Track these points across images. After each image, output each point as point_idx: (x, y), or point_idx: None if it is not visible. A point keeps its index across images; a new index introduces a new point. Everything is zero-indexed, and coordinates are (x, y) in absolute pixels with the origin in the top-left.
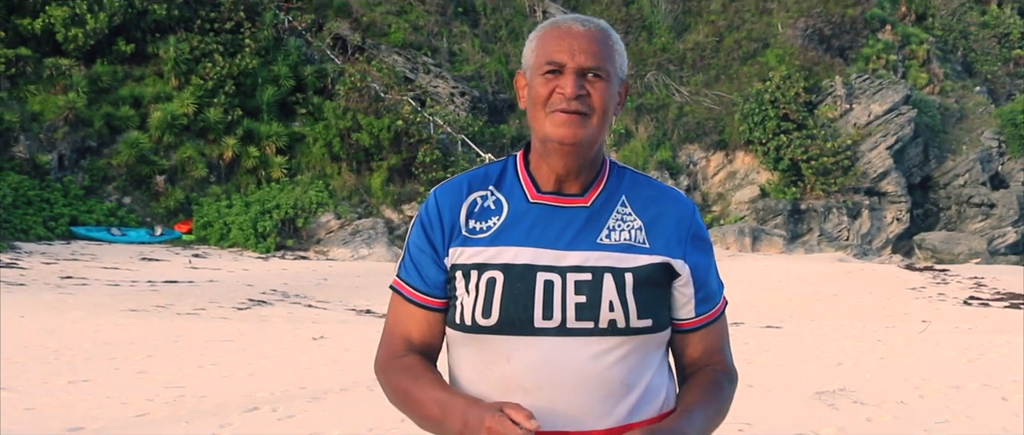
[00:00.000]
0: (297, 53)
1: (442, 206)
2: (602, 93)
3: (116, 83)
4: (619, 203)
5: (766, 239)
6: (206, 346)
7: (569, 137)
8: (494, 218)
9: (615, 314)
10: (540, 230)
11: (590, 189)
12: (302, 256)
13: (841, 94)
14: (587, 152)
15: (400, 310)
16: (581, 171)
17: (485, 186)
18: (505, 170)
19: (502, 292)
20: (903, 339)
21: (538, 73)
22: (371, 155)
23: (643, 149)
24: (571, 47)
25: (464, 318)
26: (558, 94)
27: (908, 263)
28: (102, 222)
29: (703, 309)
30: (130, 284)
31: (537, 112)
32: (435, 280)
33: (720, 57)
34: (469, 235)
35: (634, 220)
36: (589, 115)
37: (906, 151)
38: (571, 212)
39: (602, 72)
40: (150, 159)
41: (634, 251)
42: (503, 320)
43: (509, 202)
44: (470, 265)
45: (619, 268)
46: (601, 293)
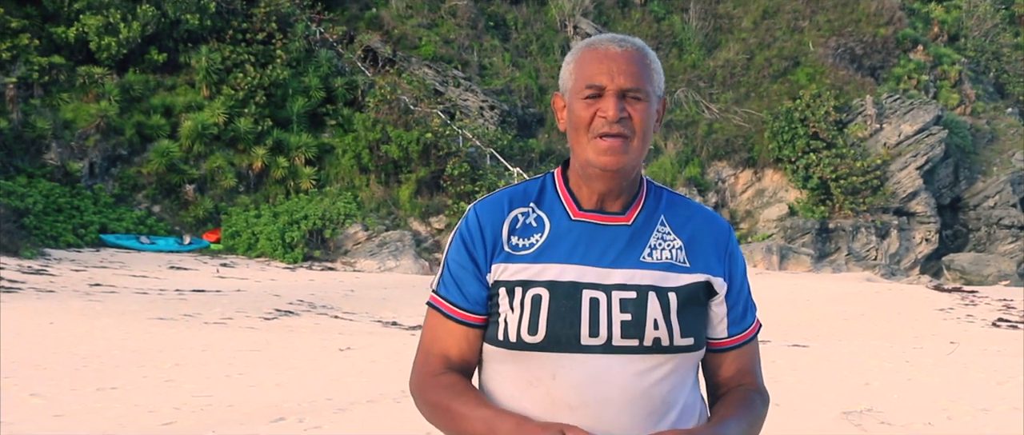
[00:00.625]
0: (328, 65)
1: (484, 222)
2: (642, 114)
3: (148, 92)
4: (658, 222)
5: (794, 258)
6: (234, 355)
7: (612, 164)
8: (536, 235)
9: (660, 332)
10: (584, 248)
11: (631, 208)
12: (329, 267)
13: (871, 113)
14: (629, 175)
15: (438, 327)
16: (622, 191)
17: (525, 203)
18: (544, 188)
19: (548, 309)
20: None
21: (578, 97)
22: (400, 167)
23: (672, 165)
24: (610, 69)
25: (508, 335)
26: (600, 117)
27: (937, 284)
28: (131, 230)
29: (737, 329)
30: (158, 292)
31: (579, 137)
32: (477, 296)
33: (750, 74)
34: (512, 251)
35: (674, 239)
36: (630, 138)
37: (936, 171)
38: (613, 230)
39: (641, 93)
40: (180, 168)
41: (676, 270)
42: (550, 337)
43: (551, 219)
44: (514, 282)
45: (663, 287)
46: (646, 311)
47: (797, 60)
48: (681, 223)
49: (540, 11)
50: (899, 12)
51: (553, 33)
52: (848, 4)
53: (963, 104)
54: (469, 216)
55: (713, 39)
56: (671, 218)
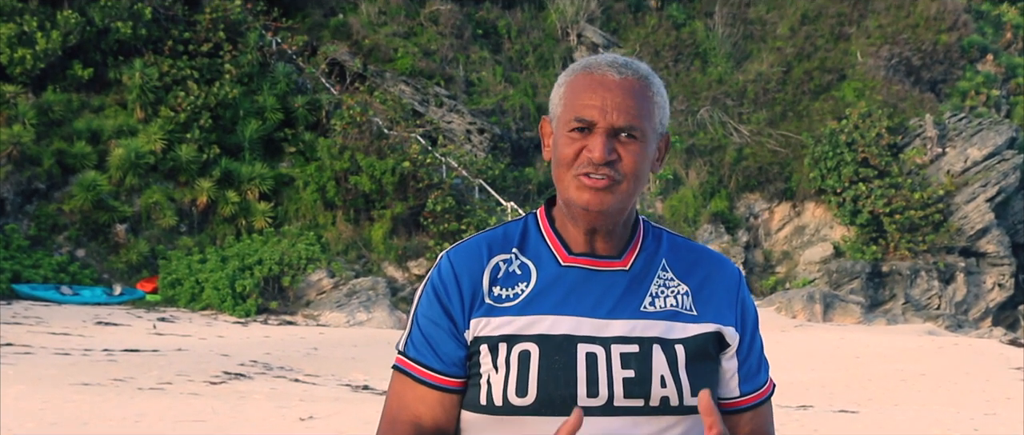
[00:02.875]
0: (286, 81)
1: (460, 271)
2: (635, 156)
3: (70, 114)
4: (660, 267)
5: (841, 307)
6: (173, 428)
7: (595, 204)
8: (521, 284)
9: (667, 391)
10: (577, 297)
11: (627, 251)
12: (288, 321)
13: (932, 136)
14: (617, 217)
15: (407, 394)
16: (613, 232)
17: (507, 249)
18: (526, 231)
19: (539, 366)
20: (1006, 429)
21: (565, 129)
22: (372, 202)
23: (694, 199)
24: (603, 102)
25: (493, 398)
26: (585, 156)
27: (1012, 338)
28: (50, 279)
29: (750, 387)
30: (82, 353)
31: (562, 172)
32: (453, 357)
33: (787, 91)
34: (494, 304)
35: (678, 285)
36: (619, 182)
37: (1011, 204)
38: (609, 276)
39: (636, 132)
40: (109, 205)
41: (682, 319)
42: (542, 398)
43: (537, 266)
44: (498, 337)
45: (668, 339)
46: (651, 367)
47: (843, 73)
48: (686, 267)
49: (537, 17)
50: (964, 15)
51: (553, 43)
52: (903, 7)
53: None
54: (442, 265)
55: (743, 49)
56: (674, 262)
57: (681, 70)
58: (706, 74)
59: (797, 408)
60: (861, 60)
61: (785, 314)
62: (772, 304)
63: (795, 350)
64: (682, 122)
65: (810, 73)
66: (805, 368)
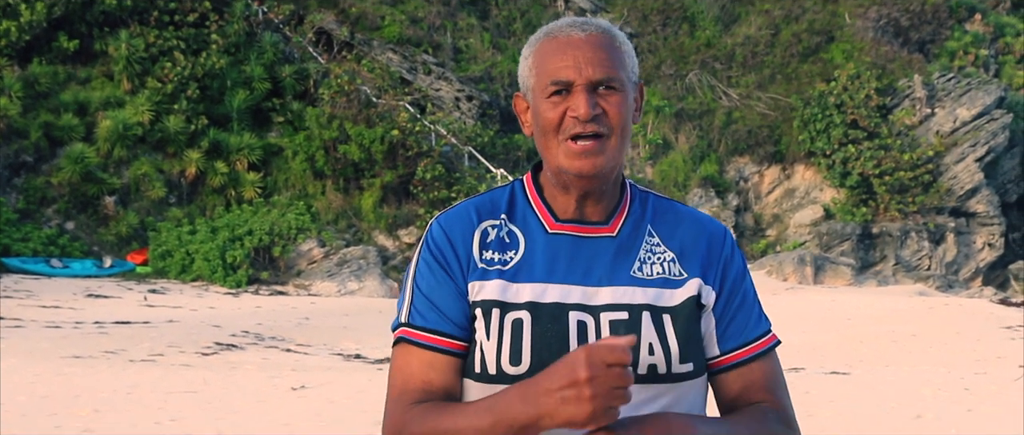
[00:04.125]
0: (273, 51)
1: (453, 235)
2: (618, 107)
3: (57, 87)
4: (646, 232)
5: (831, 269)
6: (165, 399)
7: (589, 168)
8: (511, 252)
9: (655, 358)
10: (565, 264)
11: (614, 216)
12: (279, 291)
13: (921, 96)
14: (609, 177)
15: (413, 364)
16: (602, 196)
17: (495, 215)
18: (513, 198)
19: (532, 334)
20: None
21: (543, 96)
22: (361, 171)
23: (684, 163)
24: (576, 60)
25: (487, 365)
26: (570, 117)
27: (1003, 297)
28: (40, 252)
29: (733, 344)
30: (74, 326)
31: (548, 141)
32: (462, 318)
33: (776, 53)
34: (487, 267)
35: (665, 251)
36: (608, 136)
37: (1000, 164)
38: (597, 243)
39: (615, 82)
40: (98, 177)
41: (670, 286)
42: (536, 367)
43: (524, 234)
44: (491, 302)
45: (657, 306)
46: (640, 334)
47: (831, 35)
48: (671, 231)
49: None
50: None
51: (541, 8)
52: None
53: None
54: (433, 231)
55: (731, 12)
56: (660, 227)
57: (669, 34)
58: (694, 38)
59: (789, 370)
60: (849, 22)
61: (776, 277)
62: (763, 267)
63: (786, 313)
64: (671, 87)
65: (798, 35)
66: (796, 331)
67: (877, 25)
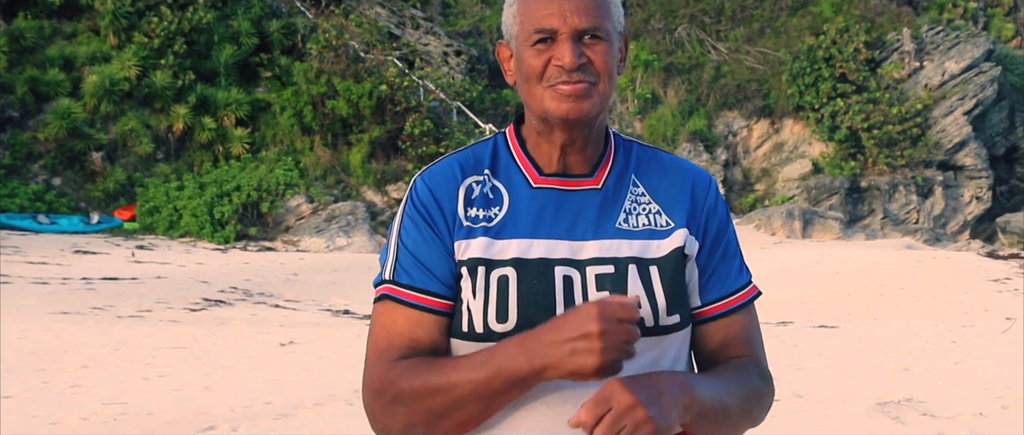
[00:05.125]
0: (260, 5)
1: (437, 192)
2: (604, 55)
3: (42, 41)
4: (631, 183)
5: (820, 223)
6: (153, 355)
7: (575, 112)
8: (495, 208)
9: (642, 311)
10: (550, 219)
11: (599, 168)
12: (267, 247)
13: (909, 49)
14: (594, 123)
15: (399, 321)
16: (586, 145)
17: (478, 170)
18: (497, 152)
19: (518, 291)
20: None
21: (527, 44)
22: (349, 127)
23: (673, 117)
24: (561, 8)
25: (474, 324)
26: (555, 66)
27: (990, 250)
28: (27, 208)
29: (715, 295)
30: (61, 282)
31: (532, 88)
32: (449, 275)
33: (765, 7)
34: (472, 225)
35: (650, 202)
36: (594, 83)
37: (988, 117)
38: (582, 196)
39: (601, 31)
40: (84, 132)
41: (656, 237)
42: (522, 324)
43: (508, 189)
44: (476, 260)
45: (644, 259)
46: (626, 288)
47: None
48: (656, 181)
49: None
50: None
51: None
52: None
53: (1020, 35)
54: (418, 187)
55: None
56: (644, 176)
57: None
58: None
59: (777, 324)
60: None
61: (764, 231)
62: (751, 221)
63: (775, 267)
64: (660, 41)
65: None
66: (785, 285)
67: None
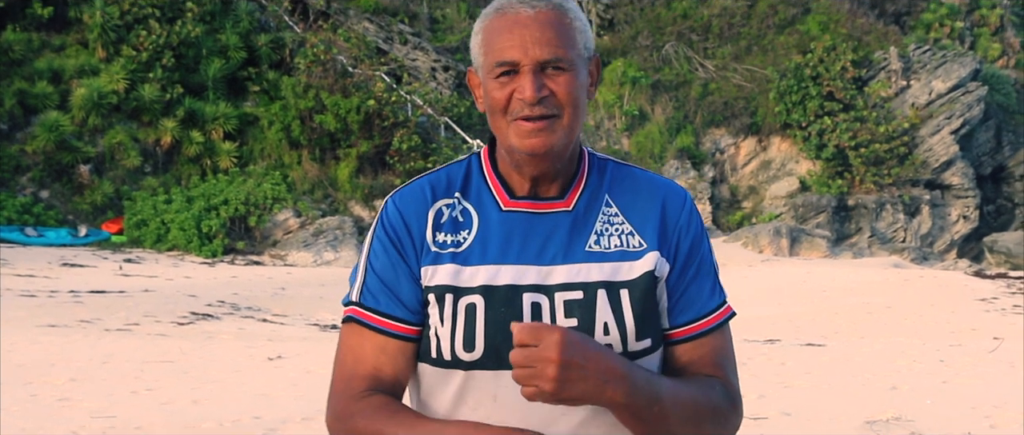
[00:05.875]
0: (249, 19)
1: (407, 216)
2: (567, 87)
3: (31, 54)
4: (604, 202)
5: (807, 241)
6: (141, 368)
7: (539, 147)
8: (464, 232)
9: (611, 338)
10: (519, 243)
11: (570, 189)
12: (255, 261)
13: (896, 68)
14: (563, 155)
15: (365, 346)
16: (557, 173)
17: (450, 194)
18: (469, 174)
19: (485, 319)
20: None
21: (490, 76)
22: (337, 141)
23: (660, 134)
24: (523, 39)
25: (442, 351)
26: (517, 99)
27: (977, 269)
28: (14, 221)
29: (685, 318)
30: (49, 295)
31: (497, 120)
32: (415, 302)
33: (752, 25)
34: (439, 251)
35: (623, 222)
36: (557, 116)
37: (975, 136)
38: (552, 218)
39: (564, 62)
40: (72, 145)
41: (628, 258)
42: (489, 352)
43: (479, 212)
44: (444, 287)
45: (614, 283)
46: (594, 314)
47: (807, 7)
48: (629, 200)
49: None
50: None
51: None
52: None
53: (1006, 55)
54: (388, 210)
55: None
56: (618, 195)
57: (646, 5)
58: (671, 9)
59: (764, 342)
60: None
61: (752, 249)
62: (739, 239)
63: (762, 285)
64: (647, 58)
65: (775, 7)
66: (772, 302)
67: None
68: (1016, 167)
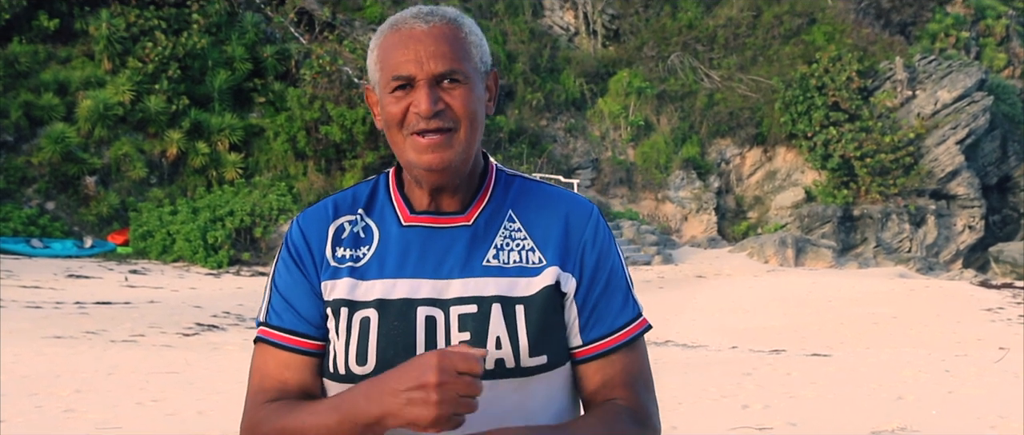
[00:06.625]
0: (254, 31)
1: (308, 234)
2: (463, 100)
3: (37, 66)
4: (506, 218)
5: (812, 251)
6: (146, 379)
7: (436, 162)
8: (364, 248)
9: (502, 352)
10: (417, 257)
11: (472, 204)
12: (260, 272)
13: (902, 78)
14: (461, 169)
15: (269, 363)
16: (458, 188)
17: (353, 210)
18: (375, 191)
19: (378, 333)
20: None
21: (387, 91)
22: (343, 152)
23: (666, 144)
24: (417, 54)
25: (337, 365)
26: (413, 113)
27: (983, 279)
28: (20, 232)
29: (595, 334)
30: (54, 306)
31: (394, 135)
32: (317, 316)
33: (757, 35)
34: (338, 266)
35: (525, 238)
36: (454, 130)
37: (980, 146)
38: (450, 233)
39: (459, 75)
40: (78, 157)
41: (526, 274)
42: (381, 366)
43: (380, 228)
44: (339, 301)
45: (509, 297)
46: (487, 328)
47: (813, 17)
48: (533, 216)
49: None
50: None
51: None
52: None
53: (1012, 65)
54: (292, 230)
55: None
56: (521, 211)
57: (651, 16)
58: (676, 20)
59: (770, 352)
60: (831, 3)
61: (757, 259)
62: (744, 249)
63: (767, 295)
64: (652, 69)
65: (780, 17)
66: (778, 313)
67: (859, 7)
68: (1022, 177)
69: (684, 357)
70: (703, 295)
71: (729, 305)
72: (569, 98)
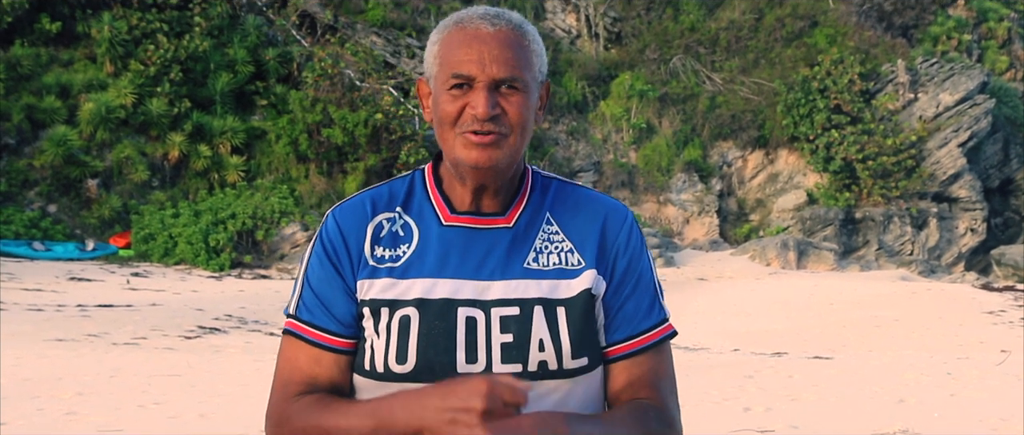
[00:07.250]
0: (257, 34)
1: (346, 230)
2: (519, 108)
3: (39, 69)
4: (544, 221)
5: (814, 254)
6: (148, 382)
7: (484, 160)
8: (403, 246)
9: (546, 355)
10: (458, 258)
11: (512, 206)
12: (262, 275)
13: (904, 81)
14: (506, 173)
15: (300, 357)
16: (499, 189)
17: (391, 208)
18: (412, 189)
19: (419, 333)
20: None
21: (444, 87)
22: (345, 155)
23: (667, 147)
24: (481, 55)
25: (375, 364)
26: (469, 113)
27: (985, 282)
28: (22, 235)
29: (621, 335)
30: (56, 309)
31: (445, 132)
32: (348, 316)
33: (759, 38)
34: (377, 265)
35: (563, 240)
36: (506, 135)
37: (982, 149)
38: (492, 234)
39: (518, 83)
40: (80, 159)
41: (566, 276)
42: (421, 365)
43: (419, 226)
44: (380, 301)
45: (551, 300)
46: (530, 330)
47: (815, 20)
48: (570, 218)
49: None
50: None
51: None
52: None
53: (1013, 68)
54: (328, 224)
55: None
56: (559, 214)
57: (653, 19)
58: (678, 22)
59: (772, 355)
60: (833, 6)
61: (759, 262)
62: (746, 252)
63: (769, 298)
64: (654, 71)
65: (782, 20)
66: (779, 315)
67: (861, 10)
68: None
69: (686, 360)
70: (705, 298)
71: (731, 308)
72: (571, 101)
